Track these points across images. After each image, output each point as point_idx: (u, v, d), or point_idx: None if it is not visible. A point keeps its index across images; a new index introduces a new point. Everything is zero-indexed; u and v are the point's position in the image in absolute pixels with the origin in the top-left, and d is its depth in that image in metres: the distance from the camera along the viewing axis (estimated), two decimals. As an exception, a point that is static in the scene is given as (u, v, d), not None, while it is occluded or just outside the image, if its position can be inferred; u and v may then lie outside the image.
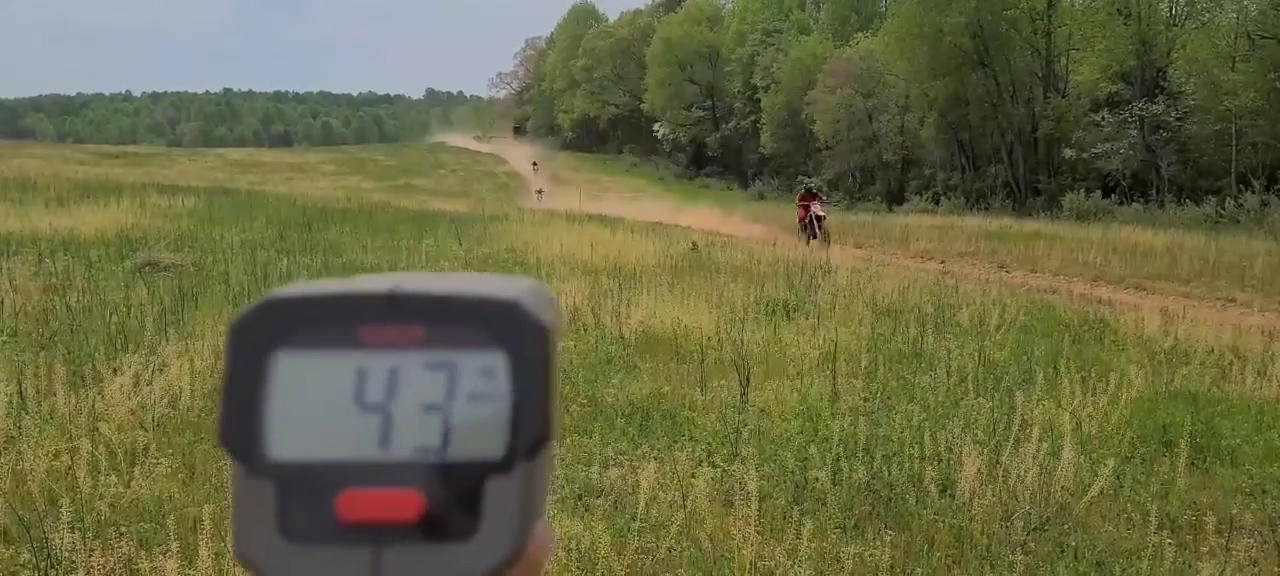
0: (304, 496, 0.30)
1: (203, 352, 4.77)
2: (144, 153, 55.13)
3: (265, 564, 0.30)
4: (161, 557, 2.70)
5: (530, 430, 0.30)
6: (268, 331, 0.31)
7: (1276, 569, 3.26)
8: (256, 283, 7.27)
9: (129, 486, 3.27)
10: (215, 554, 2.71)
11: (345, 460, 0.30)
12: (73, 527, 2.85)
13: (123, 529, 2.95)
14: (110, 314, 5.69)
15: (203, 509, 2.86)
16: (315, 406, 0.30)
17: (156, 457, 3.55)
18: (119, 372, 4.26)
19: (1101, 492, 3.74)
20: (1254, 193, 22.87)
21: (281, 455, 0.30)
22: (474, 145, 73.03)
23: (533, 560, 0.31)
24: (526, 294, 0.32)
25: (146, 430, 3.81)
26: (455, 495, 0.30)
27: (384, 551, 0.29)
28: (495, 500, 0.30)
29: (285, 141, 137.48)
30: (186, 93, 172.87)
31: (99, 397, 4.04)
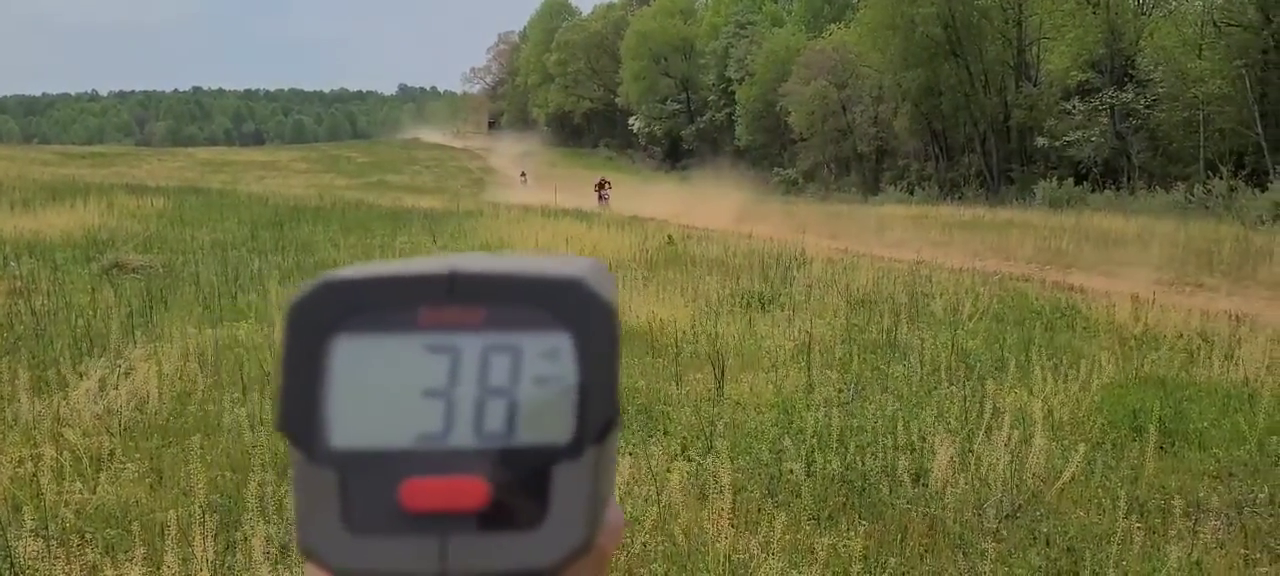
0: (367, 485, 0.29)
1: (171, 355, 4.71)
2: (111, 152, 54.26)
3: (329, 555, 0.28)
4: (127, 564, 2.66)
5: (599, 412, 0.29)
6: (327, 313, 0.29)
7: (1242, 550, 3.31)
8: (227, 283, 7.18)
9: (95, 492, 3.23)
10: (181, 559, 2.68)
11: (408, 448, 0.29)
12: (37, 535, 2.81)
13: (88, 535, 2.90)
14: (76, 317, 5.60)
15: (169, 514, 2.82)
16: (376, 392, 0.29)
17: (123, 462, 3.50)
18: (85, 377, 4.20)
19: (1072, 478, 3.78)
20: (1222, 178, 23.17)
21: (343, 443, 0.29)
22: (452, 141, 72.42)
23: (603, 548, 0.30)
24: (589, 272, 0.31)
25: (113, 435, 3.75)
26: (522, 482, 0.29)
27: (450, 541, 0.28)
28: (564, 487, 0.29)
29: (257, 139, 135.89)
30: (155, 91, 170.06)
31: (64, 403, 3.98)
